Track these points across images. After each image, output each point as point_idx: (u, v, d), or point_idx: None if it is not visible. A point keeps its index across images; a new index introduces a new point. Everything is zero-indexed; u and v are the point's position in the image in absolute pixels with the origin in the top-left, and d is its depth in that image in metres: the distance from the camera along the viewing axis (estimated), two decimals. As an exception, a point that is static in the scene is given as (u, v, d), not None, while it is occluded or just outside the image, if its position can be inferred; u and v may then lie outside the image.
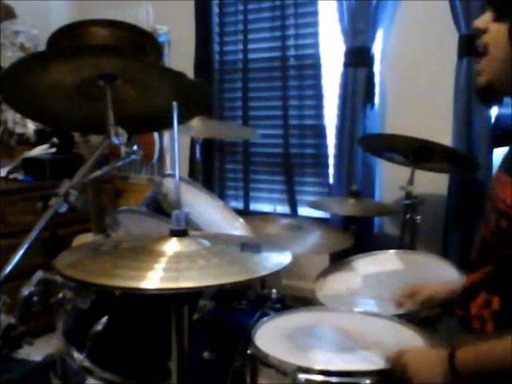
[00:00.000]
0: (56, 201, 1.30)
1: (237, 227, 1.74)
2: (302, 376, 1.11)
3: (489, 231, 1.19)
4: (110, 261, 1.06)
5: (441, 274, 1.67)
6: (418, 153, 2.12)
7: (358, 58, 2.51)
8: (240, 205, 3.01)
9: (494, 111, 2.26)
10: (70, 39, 1.75)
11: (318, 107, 2.72)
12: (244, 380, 1.25)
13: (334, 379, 1.11)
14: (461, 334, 1.24)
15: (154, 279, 0.96)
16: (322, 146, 2.74)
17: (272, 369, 1.16)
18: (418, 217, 2.19)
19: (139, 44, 1.79)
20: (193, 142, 2.79)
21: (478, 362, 1.04)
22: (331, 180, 2.71)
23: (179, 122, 1.15)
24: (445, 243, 2.37)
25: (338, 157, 2.64)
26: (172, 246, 1.07)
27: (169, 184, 1.67)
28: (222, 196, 3.00)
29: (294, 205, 2.84)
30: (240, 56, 2.97)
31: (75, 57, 1.36)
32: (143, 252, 1.07)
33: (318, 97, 2.72)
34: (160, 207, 1.65)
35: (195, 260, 1.04)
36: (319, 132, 2.74)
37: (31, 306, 1.21)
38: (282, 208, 2.84)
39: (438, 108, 2.41)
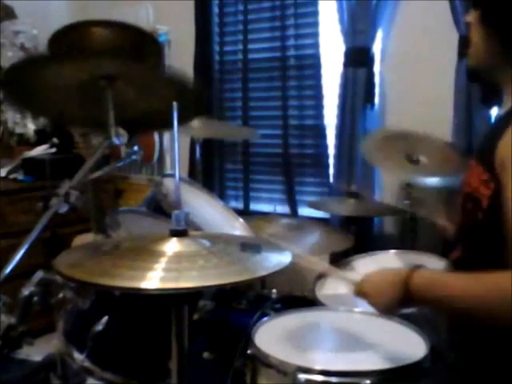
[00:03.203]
0: (56, 201, 1.30)
1: (237, 227, 1.74)
2: (302, 376, 1.11)
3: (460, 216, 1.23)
4: (109, 261, 1.06)
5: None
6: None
7: (358, 58, 2.51)
8: (240, 205, 3.01)
9: (494, 111, 2.26)
10: (71, 39, 1.75)
11: (318, 107, 2.73)
12: (244, 380, 1.24)
13: (333, 379, 1.11)
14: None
15: (154, 279, 0.96)
16: (322, 146, 2.74)
17: (272, 369, 1.16)
18: (418, 217, 2.19)
19: (139, 44, 1.78)
20: (193, 142, 2.79)
21: (432, 291, 1.08)
22: (331, 180, 2.71)
23: (179, 123, 1.16)
24: (445, 243, 2.37)
25: (337, 157, 2.64)
26: (172, 245, 1.07)
27: (169, 184, 1.67)
28: (222, 196, 3.00)
29: (293, 205, 2.84)
30: (240, 56, 2.97)
31: (76, 59, 1.36)
32: (143, 252, 1.07)
33: (318, 97, 2.72)
34: (160, 207, 1.65)
35: (195, 260, 1.04)
36: (319, 132, 2.74)
37: (31, 306, 1.21)
38: (282, 208, 2.85)
39: (438, 108, 2.41)
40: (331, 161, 2.71)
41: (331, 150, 2.71)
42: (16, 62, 1.39)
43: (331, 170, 2.71)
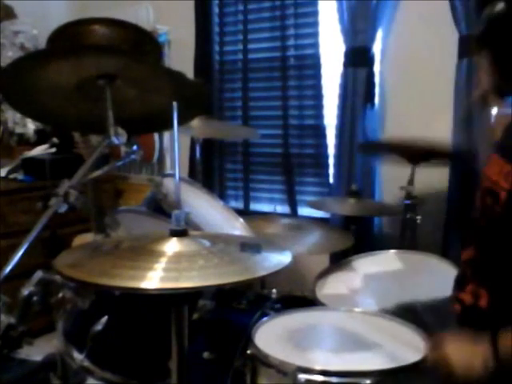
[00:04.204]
0: (56, 201, 1.30)
1: (237, 227, 1.74)
2: (302, 376, 1.11)
3: (476, 210, 1.22)
4: (110, 261, 1.06)
5: (441, 274, 1.67)
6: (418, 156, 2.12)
7: (358, 58, 2.51)
8: (240, 205, 3.01)
9: (494, 111, 2.26)
10: (70, 38, 1.75)
11: (318, 107, 2.72)
12: (244, 380, 1.24)
13: (333, 379, 1.11)
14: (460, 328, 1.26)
15: (153, 279, 0.96)
16: (322, 146, 2.74)
17: (272, 369, 1.16)
18: (418, 217, 2.19)
19: (139, 43, 1.78)
20: (193, 142, 2.79)
21: None
22: (331, 180, 2.71)
23: (179, 123, 1.15)
24: (445, 243, 2.37)
25: (337, 157, 2.64)
26: (172, 245, 1.07)
27: (169, 184, 1.67)
28: (222, 196, 3.00)
29: (293, 205, 2.84)
30: (240, 56, 2.97)
31: (75, 56, 1.36)
32: (143, 252, 1.07)
33: (318, 97, 2.72)
34: (160, 207, 1.65)
35: (195, 260, 1.04)
36: (319, 132, 2.74)
37: (31, 306, 1.21)
38: (282, 208, 2.84)
39: (438, 108, 2.41)
40: (331, 161, 2.71)
41: (331, 150, 2.71)
42: (14, 60, 1.38)
43: (331, 170, 2.71)
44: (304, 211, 2.79)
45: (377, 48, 2.53)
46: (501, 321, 1.07)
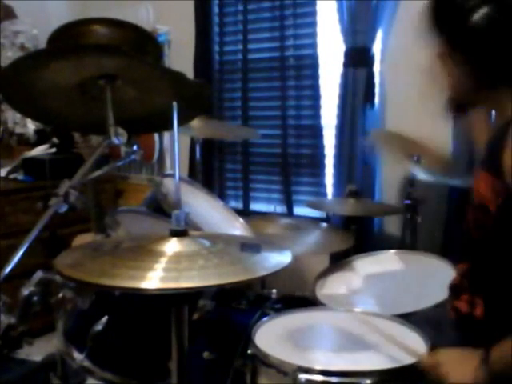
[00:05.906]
0: (56, 201, 1.30)
1: (237, 227, 1.74)
2: (303, 376, 1.11)
3: (468, 226, 1.24)
4: (109, 261, 1.06)
5: (441, 274, 1.67)
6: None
7: (358, 58, 2.51)
8: (240, 205, 3.01)
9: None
10: (71, 38, 1.75)
11: (316, 107, 2.73)
12: (244, 380, 1.25)
13: (334, 379, 1.11)
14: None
15: (153, 279, 0.97)
16: (319, 146, 2.74)
17: (272, 369, 1.16)
18: (418, 217, 2.19)
19: (139, 44, 1.78)
20: (193, 142, 2.79)
21: None
22: (331, 180, 2.71)
23: (179, 123, 1.15)
24: (445, 243, 2.37)
25: (337, 157, 2.64)
26: (172, 245, 1.07)
27: (169, 184, 1.67)
28: (222, 196, 3.00)
29: (290, 205, 2.85)
30: (240, 56, 2.97)
31: (75, 56, 1.36)
32: (143, 252, 1.07)
33: (316, 97, 2.72)
34: (160, 207, 1.65)
35: (195, 260, 1.04)
36: (316, 132, 2.74)
37: (31, 306, 1.21)
38: (280, 208, 2.85)
39: (438, 108, 2.40)
40: (329, 161, 2.71)
41: (331, 150, 2.71)
42: (15, 59, 1.38)
43: (331, 170, 2.71)
44: (303, 211, 2.79)
45: (377, 48, 2.53)
46: (496, 330, 1.07)
